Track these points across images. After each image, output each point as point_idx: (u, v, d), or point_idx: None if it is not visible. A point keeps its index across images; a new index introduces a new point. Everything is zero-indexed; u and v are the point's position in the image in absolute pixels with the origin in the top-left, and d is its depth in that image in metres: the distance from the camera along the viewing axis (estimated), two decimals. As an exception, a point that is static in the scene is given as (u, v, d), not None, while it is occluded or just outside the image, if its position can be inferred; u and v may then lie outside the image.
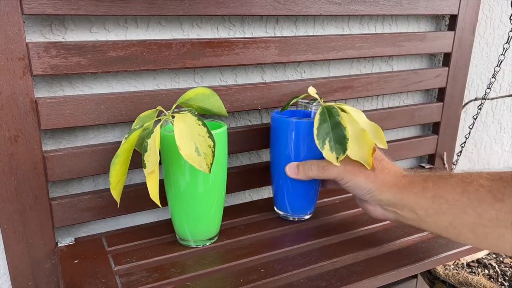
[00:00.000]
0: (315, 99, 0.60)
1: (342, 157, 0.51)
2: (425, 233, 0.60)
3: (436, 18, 0.82)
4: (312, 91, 0.58)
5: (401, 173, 0.51)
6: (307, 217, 0.64)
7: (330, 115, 0.53)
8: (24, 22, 0.49)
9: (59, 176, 0.55)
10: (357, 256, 0.54)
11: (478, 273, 0.74)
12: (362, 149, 0.55)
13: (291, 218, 0.63)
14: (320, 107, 0.54)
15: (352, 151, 0.53)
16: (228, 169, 0.58)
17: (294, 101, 0.61)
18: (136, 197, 0.61)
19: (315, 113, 0.62)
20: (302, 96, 0.61)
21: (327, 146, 0.52)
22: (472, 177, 0.43)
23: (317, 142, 0.53)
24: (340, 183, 0.53)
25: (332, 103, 0.56)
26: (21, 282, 0.56)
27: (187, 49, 0.58)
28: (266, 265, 0.52)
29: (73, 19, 0.54)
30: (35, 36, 0.52)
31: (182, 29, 0.60)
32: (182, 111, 0.50)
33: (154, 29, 0.59)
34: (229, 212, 0.64)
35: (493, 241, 0.41)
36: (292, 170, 0.57)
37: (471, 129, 0.87)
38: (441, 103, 0.85)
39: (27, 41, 0.50)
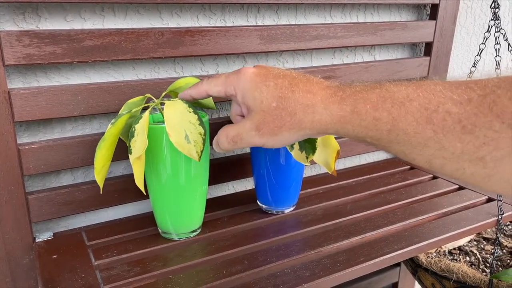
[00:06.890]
0: None
1: (311, 157, 0.50)
2: (407, 222, 0.60)
3: (418, 7, 0.82)
4: None
5: (330, 95, 0.41)
6: (290, 209, 0.63)
7: None
8: (-5, 10, 0.48)
9: (35, 170, 0.53)
10: (340, 246, 0.54)
11: (460, 260, 0.75)
12: (327, 149, 0.54)
13: (274, 212, 0.63)
14: None
15: (317, 153, 0.52)
16: (211, 160, 0.57)
17: None
18: (116, 190, 0.60)
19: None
20: None
21: (296, 145, 0.51)
22: (437, 100, 0.35)
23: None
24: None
25: None
26: (-2, 278, 0.54)
27: (166, 38, 0.56)
28: (249, 257, 0.52)
29: (47, 7, 0.52)
30: (8, 25, 0.50)
31: (161, 17, 0.59)
32: (171, 100, 0.49)
33: (132, 18, 0.57)
34: (212, 204, 0.64)
35: (450, 173, 0.36)
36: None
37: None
38: (423, 93, 0.85)
39: (-2, 29, 0.48)
